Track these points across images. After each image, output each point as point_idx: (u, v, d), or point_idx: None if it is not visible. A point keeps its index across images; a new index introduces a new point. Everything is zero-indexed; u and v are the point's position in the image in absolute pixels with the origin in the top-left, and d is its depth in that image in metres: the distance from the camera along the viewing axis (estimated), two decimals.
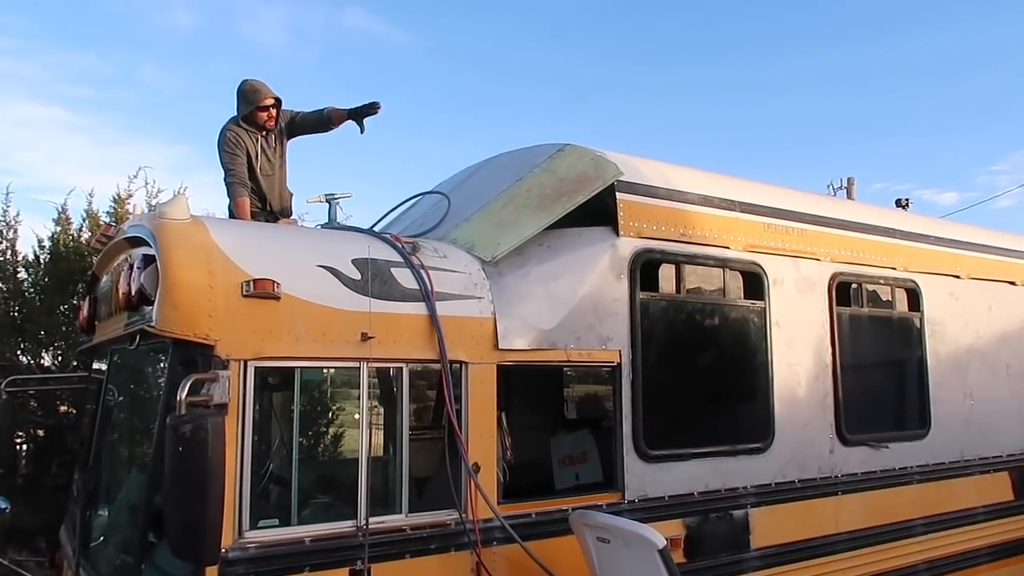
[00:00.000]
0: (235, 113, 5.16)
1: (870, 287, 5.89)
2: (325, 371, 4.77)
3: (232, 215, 4.99)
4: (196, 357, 3.30)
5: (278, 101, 5.17)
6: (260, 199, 5.22)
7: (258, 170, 5.15)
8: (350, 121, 5.23)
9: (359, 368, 3.62)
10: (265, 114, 5.12)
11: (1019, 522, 6.49)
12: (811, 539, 5.06)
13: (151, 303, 3.36)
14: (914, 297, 6.06)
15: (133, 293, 3.46)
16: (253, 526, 3.31)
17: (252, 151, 5.12)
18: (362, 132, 5.21)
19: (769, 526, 4.84)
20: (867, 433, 5.50)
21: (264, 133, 5.18)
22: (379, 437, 4.03)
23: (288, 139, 5.38)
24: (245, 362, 3.32)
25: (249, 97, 5.08)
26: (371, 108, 5.16)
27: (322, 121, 5.34)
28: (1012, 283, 6.89)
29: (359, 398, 3.63)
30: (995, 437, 6.42)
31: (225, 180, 5.04)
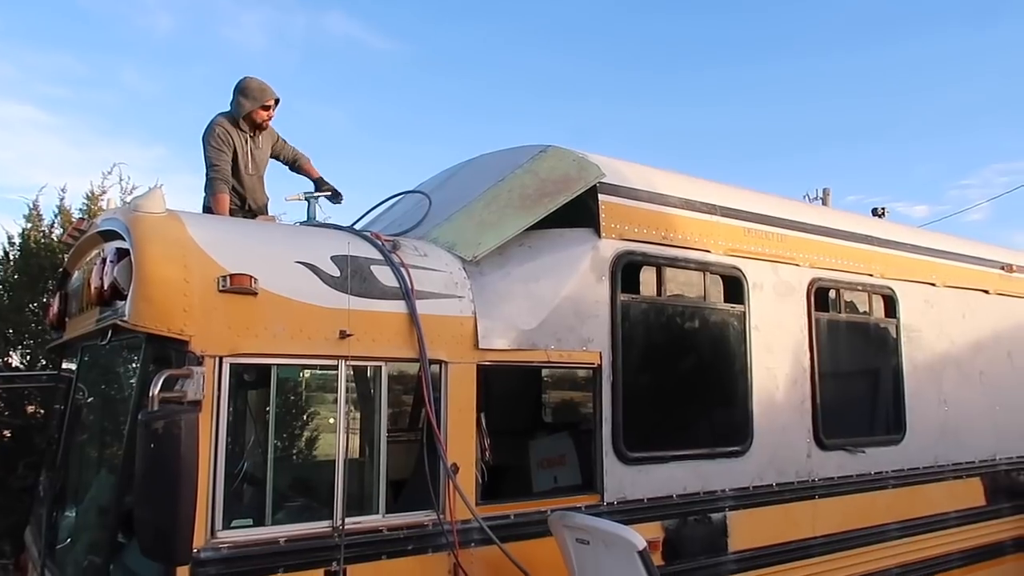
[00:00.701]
0: (226, 109, 5.13)
1: (848, 293, 5.94)
2: (302, 369, 4.70)
3: (209, 210, 4.92)
4: (170, 353, 3.23)
5: (277, 101, 5.19)
6: (239, 198, 5.16)
7: (242, 169, 5.11)
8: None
9: (337, 366, 3.56)
10: (266, 113, 5.12)
11: (990, 527, 6.57)
12: (788, 542, 5.07)
13: (124, 297, 3.28)
14: (891, 304, 6.12)
15: (106, 287, 3.37)
16: (226, 526, 3.23)
17: (239, 149, 5.08)
18: (314, 189, 5.36)
19: (747, 529, 4.84)
20: (844, 438, 5.54)
21: (254, 133, 5.15)
22: (356, 436, 3.97)
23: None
24: (220, 359, 3.25)
25: (255, 94, 5.07)
26: (334, 197, 5.36)
27: (294, 164, 5.53)
28: (985, 291, 6.99)
29: (336, 397, 3.57)
30: (968, 443, 6.49)
31: (207, 174, 4.97)
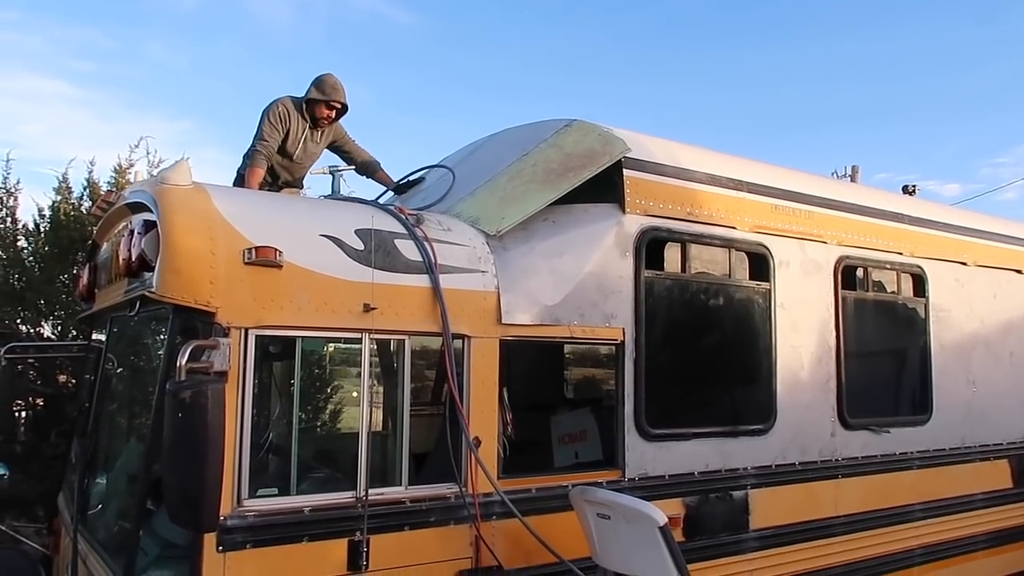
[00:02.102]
0: (292, 94, 5.19)
1: (876, 272, 5.85)
2: (327, 342, 4.75)
3: (242, 179, 4.95)
4: (196, 324, 3.27)
5: (345, 108, 5.21)
6: (273, 177, 5.19)
7: (289, 151, 5.13)
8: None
9: (361, 339, 3.59)
10: (328, 112, 5.15)
11: (1017, 510, 6.50)
12: (810, 521, 5.06)
13: (152, 269, 3.32)
14: (920, 283, 6.03)
15: (134, 259, 3.41)
16: (252, 494, 3.28)
17: (293, 133, 5.12)
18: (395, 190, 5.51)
19: (768, 507, 4.83)
20: (869, 417, 5.49)
21: (314, 126, 5.18)
22: (380, 409, 4.00)
23: (328, 147, 5.45)
24: (246, 330, 3.28)
25: (325, 89, 5.13)
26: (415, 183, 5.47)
27: (365, 166, 5.54)
28: (1018, 271, 6.86)
29: (360, 369, 3.60)
30: (996, 424, 6.41)
31: (252, 144, 5.00)
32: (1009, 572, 6.31)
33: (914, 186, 8.97)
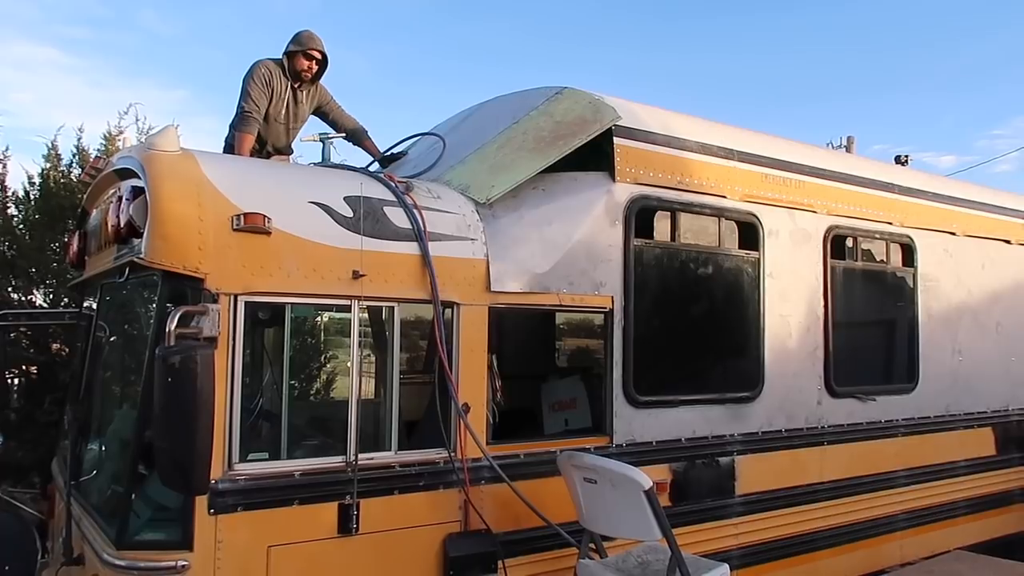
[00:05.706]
0: (272, 56, 5.14)
1: (865, 241, 5.88)
2: (317, 309, 4.76)
3: (230, 148, 4.92)
4: (185, 290, 3.28)
5: (325, 59, 5.15)
6: (260, 142, 5.16)
7: (272, 115, 5.10)
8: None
9: (350, 306, 3.61)
10: (307, 63, 5.10)
11: (999, 476, 6.62)
12: (795, 487, 5.14)
13: (140, 235, 3.32)
14: (909, 253, 6.06)
15: (122, 225, 3.41)
16: (243, 459, 3.33)
17: (277, 94, 5.07)
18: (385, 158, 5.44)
19: (754, 473, 4.91)
20: (855, 385, 5.55)
21: (297, 85, 5.12)
22: (370, 374, 4.03)
23: (314, 112, 5.41)
24: (235, 296, 3.30)
25: (302, 40, 5.08)
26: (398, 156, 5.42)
27: (351, 134, 5.48)
28: (1007, 241, 6.90)
29: (350, 336, 3.62)
30: (981, 393, 6.50)
31: (238, 111, 4.96)
32: (989, 537, 6.43)
33: (907, 156, 8.92)
